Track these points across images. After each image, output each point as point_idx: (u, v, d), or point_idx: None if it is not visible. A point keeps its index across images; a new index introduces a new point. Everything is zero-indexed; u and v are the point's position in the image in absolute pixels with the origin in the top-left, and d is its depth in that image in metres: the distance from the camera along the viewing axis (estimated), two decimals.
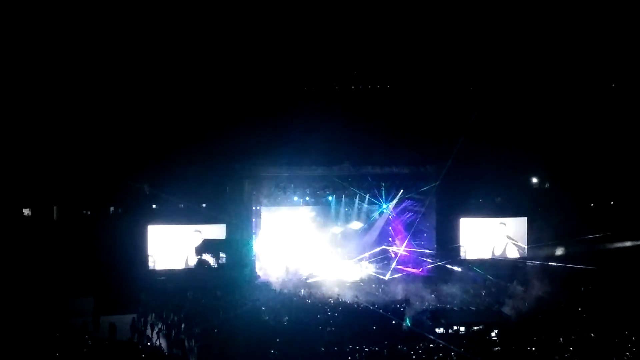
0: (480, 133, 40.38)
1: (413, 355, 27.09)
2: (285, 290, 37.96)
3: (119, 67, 37.31)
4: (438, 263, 42.55)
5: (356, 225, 45.08)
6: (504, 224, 44.39)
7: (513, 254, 44.05)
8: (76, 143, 37.92)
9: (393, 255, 44.09)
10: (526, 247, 43.91)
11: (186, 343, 29.36)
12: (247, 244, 40.80)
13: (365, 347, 27.34)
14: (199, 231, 40.47)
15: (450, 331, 30.32)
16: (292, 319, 31.69)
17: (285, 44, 37.84)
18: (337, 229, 44.58)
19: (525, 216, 44.28)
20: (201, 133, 39.03)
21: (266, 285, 39.27)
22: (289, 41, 37.68)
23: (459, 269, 41.72)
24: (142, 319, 32.21)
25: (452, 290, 37.84)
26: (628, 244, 41.43)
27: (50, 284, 34.03)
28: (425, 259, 43.32)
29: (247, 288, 37.61)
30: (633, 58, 39.40)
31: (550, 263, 40.98)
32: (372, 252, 44.18)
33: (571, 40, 38.55)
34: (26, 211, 39.31)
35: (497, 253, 44.22)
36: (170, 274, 39.51)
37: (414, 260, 43.70)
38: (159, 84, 38.24)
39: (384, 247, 44.64)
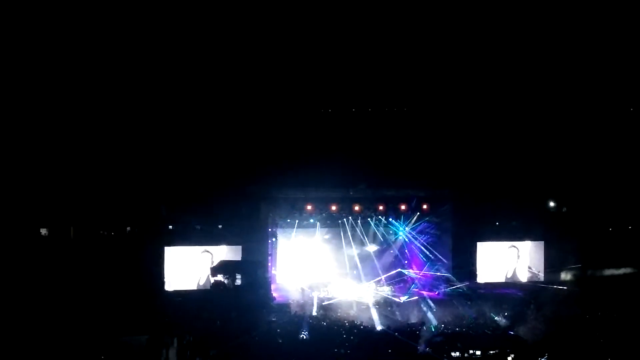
0: (498, 156, 40.40)
1: None
2: (301, 312, 37.86)
3: (137, 90, 37.53)
4: (454, 287, 42.38)
5: (372, 247, 45.06)
6: (516, 247, 44.19)
7: (530, 278, 43.79)
8: (94, 164, 38.14)
9: (408, 278, 43.98)
10: (543, 271, 43.67)
11: None
12: (263, 266, 40.77)
13: None
14: (209, 252, 40.51)
15: (466, 355, 30.10)
16: (307, 341, 31.59)
17: (303, 67, 37.96)
18: (352, 251, 44.56)
19: (542, 240, 44.07)
20: (217, 154, 39.19)
21: (281, 306, 39.17)
22: (308, 63, 37.81)
23: (475, 293, 41.51)
24: (157, 340, 32.15)
25: (468, 313, 37.63)
26: None
27: (65, 303, 34.08)
28: (441, 282, 43.18)
29: (262, 310, 37.49)
30: None
31: (567, 287, 40.80)
32: (388, 274, 44.08)
33: (587, 61, 38.48)
34: (43, 231, 39.51)
35: (513, 277, 44.01)
36: (186, 294, 39.49)
37: (430, 283, 43.56)
38: (177, 107, 38.43)
39: (399, 270, 44.53)
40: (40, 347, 28.42)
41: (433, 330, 33.25)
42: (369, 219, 44.48)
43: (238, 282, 40.02)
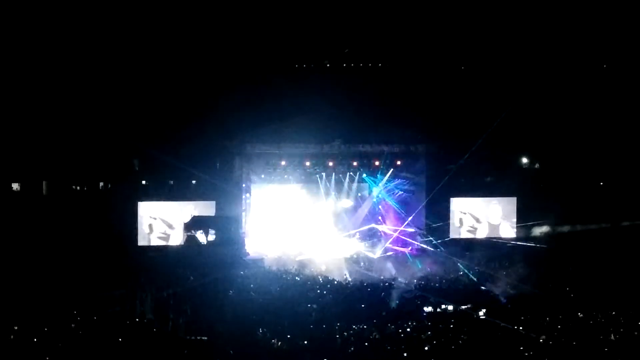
0: (472, 112, 40.39)
1: (401, 333, 27.04)
2: (275, 268, 37.92)
3: (107, 42, 37.03)
4: (427, 242, 42.61)
5: (346, 203, 45.08)
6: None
7: (503, 234, 44.06)
8: (66, 118, 37.70)
9: (382, 234, 44.12)
10: (515, 227, 43.93)
11: (174, 319, 29.35)
12: (237, 222, 40.71)
13: (354, 326, 27.27)
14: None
15: (438, 310, 30.34)
16: (280, 296, 31.70)
17: (276, 19, 37.60)
18: (327, 207, 44.56)
19: (515, 196, 44.27)
20: (191, 109, 38.88)
21: (255, 262, 39.20)
22: (281, 16, 37.45)
23: (449, 249, 41.77)
24: (131, 295, 32.17)
25: (440, 269, 37.86)
26: (615, 225, 41.53)
27: (38, 259, 33.93)
28: (414, 238, 43.38)
29: (236, 265, 37.50)
30: (625, 38, 39.31)
31: (539, 244, 41.11)
32: (361, 230, 44.20)
33: (562, 23, 38.45)
34: (15, 186, 39.18)
35: (487, 233, 44.25)
36: (159, 250, 39.42)
37: (403, 239, 43.74)
38: (148, 59, 37.99)
39: (373, 225, 44.65)
40: (12, 303, 28.36)
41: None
42: (343, 175, 44.40)
43: (211, 237, 39.96)
